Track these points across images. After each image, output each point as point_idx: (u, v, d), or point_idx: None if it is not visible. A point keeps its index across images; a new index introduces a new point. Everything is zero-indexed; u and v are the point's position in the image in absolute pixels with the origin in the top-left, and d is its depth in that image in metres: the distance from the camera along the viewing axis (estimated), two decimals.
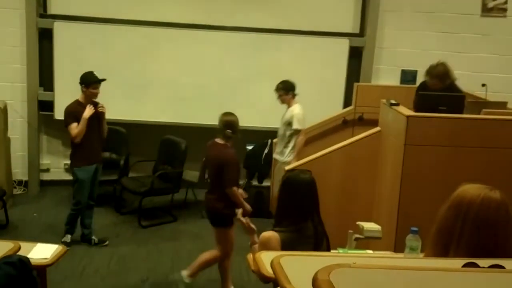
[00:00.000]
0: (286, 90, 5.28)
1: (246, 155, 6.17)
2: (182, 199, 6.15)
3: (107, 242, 5.03)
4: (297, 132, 5.21)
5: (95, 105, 4.85)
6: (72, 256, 4.57)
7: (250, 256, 2.91)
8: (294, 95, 5.29)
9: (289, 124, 5.22)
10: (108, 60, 6.15)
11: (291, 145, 5.26)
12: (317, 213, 2.92)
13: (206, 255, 4.19)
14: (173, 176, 5.55)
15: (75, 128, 4.73)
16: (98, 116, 4.83)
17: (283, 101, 5.32)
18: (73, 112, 4.79)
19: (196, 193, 6.10)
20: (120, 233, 5.35)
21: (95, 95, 4.79)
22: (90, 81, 4.78)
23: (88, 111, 4.72)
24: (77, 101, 4.83)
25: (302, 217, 2.84)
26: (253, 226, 3.03)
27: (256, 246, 2.86)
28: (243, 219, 3.06)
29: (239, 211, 3.37)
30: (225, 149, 4.11)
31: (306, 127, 5.43)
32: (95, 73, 4.82)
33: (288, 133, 5.26)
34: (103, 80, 4.82)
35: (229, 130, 4.09)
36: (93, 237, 5.04)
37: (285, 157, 5.26)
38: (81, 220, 5.04)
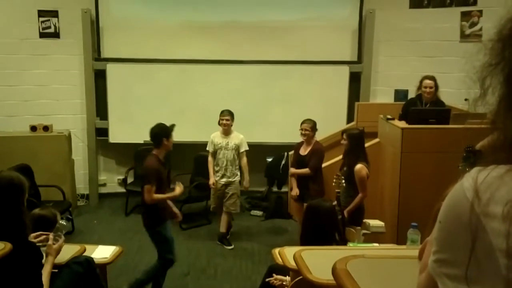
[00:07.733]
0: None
1: (267, 166, 6.14)
2: None
3: None
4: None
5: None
6: (127, 255, 4.59)
7: (275, 251, 2.89)
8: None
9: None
10: (151, 92, 6.24)
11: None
12: (339, 234, 2.83)
13: None
14: (206, 186, 5.56)
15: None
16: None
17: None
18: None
19: None
20: None
21: None
22: None
23: None
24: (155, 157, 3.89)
25: (326, 240, 2.72)
26: None
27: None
28: None
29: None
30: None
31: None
32: None
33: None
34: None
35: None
36: None
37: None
38: None
